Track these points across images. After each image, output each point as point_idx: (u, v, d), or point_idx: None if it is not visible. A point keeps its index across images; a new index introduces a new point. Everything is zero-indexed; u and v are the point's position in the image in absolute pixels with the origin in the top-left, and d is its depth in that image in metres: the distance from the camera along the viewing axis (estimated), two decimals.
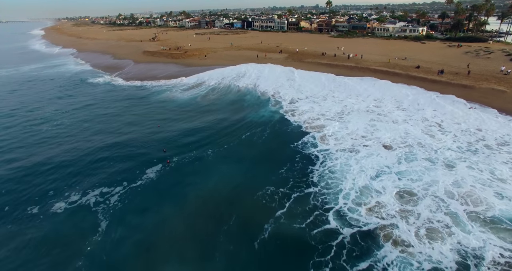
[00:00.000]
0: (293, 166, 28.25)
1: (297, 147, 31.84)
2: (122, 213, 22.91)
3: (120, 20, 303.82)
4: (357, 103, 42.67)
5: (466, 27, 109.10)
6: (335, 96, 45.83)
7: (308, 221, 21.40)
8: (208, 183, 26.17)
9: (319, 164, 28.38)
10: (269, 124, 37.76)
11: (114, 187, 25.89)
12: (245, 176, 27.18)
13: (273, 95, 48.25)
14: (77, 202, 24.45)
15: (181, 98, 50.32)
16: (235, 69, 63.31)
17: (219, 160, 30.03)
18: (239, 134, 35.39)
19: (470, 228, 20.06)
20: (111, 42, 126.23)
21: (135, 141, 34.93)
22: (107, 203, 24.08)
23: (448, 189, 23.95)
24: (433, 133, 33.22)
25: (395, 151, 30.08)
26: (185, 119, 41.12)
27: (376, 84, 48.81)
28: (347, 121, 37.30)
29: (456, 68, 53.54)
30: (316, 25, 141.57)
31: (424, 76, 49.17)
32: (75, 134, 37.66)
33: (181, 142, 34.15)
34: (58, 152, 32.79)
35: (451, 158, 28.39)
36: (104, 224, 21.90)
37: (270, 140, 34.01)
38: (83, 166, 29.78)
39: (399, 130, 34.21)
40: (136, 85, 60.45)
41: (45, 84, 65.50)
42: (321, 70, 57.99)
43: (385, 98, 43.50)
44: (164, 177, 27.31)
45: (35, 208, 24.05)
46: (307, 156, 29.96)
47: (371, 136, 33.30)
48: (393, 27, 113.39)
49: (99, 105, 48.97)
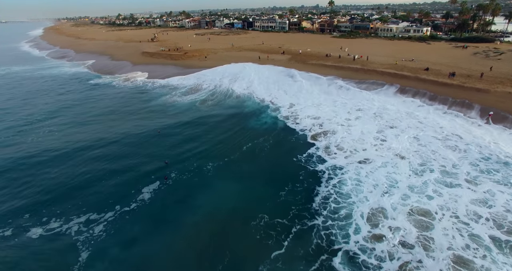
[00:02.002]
0: (295, 186, 25.28)
1: (301, 161, 29.14)
2: (106, 245, 20.04)
3: (119, 20, 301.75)
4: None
5: (470, 27, 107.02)
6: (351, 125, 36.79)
7: (312, 269, 17.94)
8: (204, 207, 23.27)
9: (325, 182, 25.49)
10: (272, 134, 35.24)
11: (104, 213, 22.84)
12: (244, 200, 24.09)
13: (272, 102, 45.82)
14: (56, 229, 21.43)
15: (180, 103, 47.92)
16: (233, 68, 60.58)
17: (218, 176, 27.33)
18: (241, 145, 32.84)
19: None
20: (109, 43, 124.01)
21: (134, 148, 32.78)
22: (91, 232, 21.02)
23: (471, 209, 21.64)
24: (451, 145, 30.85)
25: (410, 162, 27.82)
26: (185, 126, 38.79)
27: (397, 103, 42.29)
28: (353, 125, 35.21)
29: (467, 70, 51.35)
30: (318, 25, 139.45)
31: (435, 79, 46.97)
32: (64, 142, 34.98)
33: (181, 152, 31.84)
34: (43, 163, 30.19)
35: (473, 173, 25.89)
36: (85, 255, 19.23)
37: (272, 153, 31.24)
38: (71, 182, 27.09)
39: (411, 138, 32.03)
40: (133, 88, 58.25)
41: (36, 86, 63.29)
42: (326, 73, 55.79)
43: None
44: (159, 199, 24.41)
45: (7, 230, 21.36)
46: (312, 173, 27.12)
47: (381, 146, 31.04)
48: (397, 27, 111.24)
49: (90, 110, 46.55)
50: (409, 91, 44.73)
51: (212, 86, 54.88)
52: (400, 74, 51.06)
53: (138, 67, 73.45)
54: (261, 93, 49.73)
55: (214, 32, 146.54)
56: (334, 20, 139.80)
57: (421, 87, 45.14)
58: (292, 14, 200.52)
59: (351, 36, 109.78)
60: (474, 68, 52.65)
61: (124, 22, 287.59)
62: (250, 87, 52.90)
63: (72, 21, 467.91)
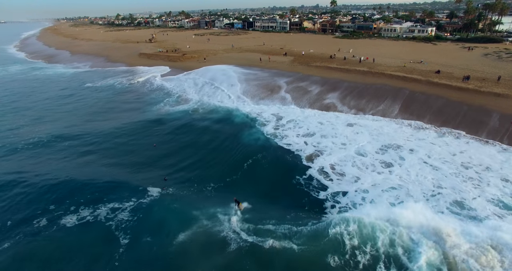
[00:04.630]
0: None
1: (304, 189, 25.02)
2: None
3: (118, 21, 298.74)
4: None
5: (476, 28, 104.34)
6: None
7: None
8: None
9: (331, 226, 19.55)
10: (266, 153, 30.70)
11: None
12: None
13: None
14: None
15: (174, 110, 43.84)
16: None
17: (215, 204, 22.44)
18: (241, 164, 28.77)
19: None
20: (106, 44, 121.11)
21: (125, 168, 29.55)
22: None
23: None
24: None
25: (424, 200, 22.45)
26: (181, 139, 35.12)
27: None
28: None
29: (481, 73, 48.59)
30: (319, 26, 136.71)
31: (448, 83, 44.15)
32: (49, 153, 32.07)
33: (179, 170, 28.43)
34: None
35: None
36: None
37: (272, 175, 27.31)
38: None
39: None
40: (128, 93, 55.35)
41: (25, 88, 60.50)
42: (331, 76, 52.95)
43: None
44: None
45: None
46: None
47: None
48: (401, 28, 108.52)
49: (75, 118, 42.93)
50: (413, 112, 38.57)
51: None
52: (410, 77, 48.22)
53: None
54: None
55: (213, 33, 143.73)
56: (336, 20, 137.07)
57: (433, 91, 42.16)
58: (293, 14, 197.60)
59: (354, 37, 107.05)
60: (488, 71, 49.88)
61: (123, 22, 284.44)
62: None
63: (72, 22, 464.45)
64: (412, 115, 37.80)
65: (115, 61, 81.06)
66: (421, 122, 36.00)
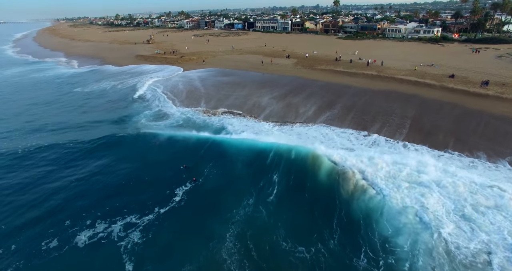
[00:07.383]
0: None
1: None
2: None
3: (117, 21, 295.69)
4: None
5: (483, 28, 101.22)
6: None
7: None
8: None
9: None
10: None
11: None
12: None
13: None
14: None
15: (176, 115, 40.75)
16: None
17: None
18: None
19: None
20: (103, 45, 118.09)
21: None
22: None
23: None
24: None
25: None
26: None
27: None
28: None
29: (499, 77, 45.55)
30: (321, 26, 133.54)
31: (465, 89, 41.10)
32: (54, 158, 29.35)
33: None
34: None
35: None
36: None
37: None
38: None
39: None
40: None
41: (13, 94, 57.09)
42: (337, 80, 49.87)
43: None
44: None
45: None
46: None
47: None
48: (406, 28, 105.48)
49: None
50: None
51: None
52: (423, 82, 45.17)
53: None
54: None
55: (213, 33, 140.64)
56: (338, 21, 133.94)
57: (449, 98, 38.99)
58: (294, 14, 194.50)
59: (357, 38, 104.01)
60: (506, 74, 46.83)
61: (122, 22, 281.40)
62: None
63: (71, 22, 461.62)
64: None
65: (110, 63, 77.84)
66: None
